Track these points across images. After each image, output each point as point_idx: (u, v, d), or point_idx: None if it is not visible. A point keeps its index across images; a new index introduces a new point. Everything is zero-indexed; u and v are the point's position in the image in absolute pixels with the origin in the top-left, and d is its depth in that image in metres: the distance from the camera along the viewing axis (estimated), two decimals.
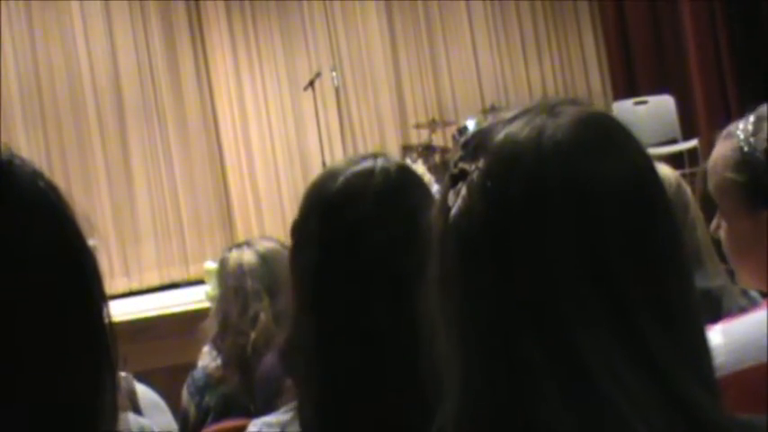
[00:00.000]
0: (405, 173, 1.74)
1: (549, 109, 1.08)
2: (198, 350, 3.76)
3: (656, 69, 10.42)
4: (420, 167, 8.79)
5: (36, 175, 0.96)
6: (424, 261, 1.11)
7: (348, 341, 1.62)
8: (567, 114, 1.07)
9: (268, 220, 10.20)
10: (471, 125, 9.41)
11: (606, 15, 10.75)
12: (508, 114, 1.10)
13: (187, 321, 5.95)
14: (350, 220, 1.66)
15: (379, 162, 1.71)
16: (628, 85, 10.53)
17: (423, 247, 1.12)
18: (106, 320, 1.00)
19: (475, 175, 1.06)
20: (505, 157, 1.05)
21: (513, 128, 1.07)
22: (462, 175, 1.07)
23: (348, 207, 1.67)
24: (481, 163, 1.06)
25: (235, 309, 3.52)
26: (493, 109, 9.88)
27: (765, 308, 1.83)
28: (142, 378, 3.27)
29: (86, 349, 0.95)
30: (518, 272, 1.02)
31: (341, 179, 1.70)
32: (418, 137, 10.24)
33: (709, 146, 1.99)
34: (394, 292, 1.58)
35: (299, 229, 1.73)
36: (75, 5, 9.81)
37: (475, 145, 1.09)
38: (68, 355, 0.93)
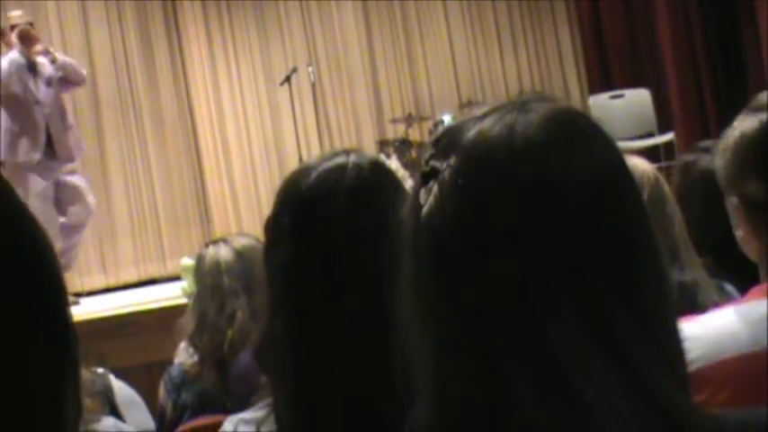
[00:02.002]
0: (377, 169, 1.74)
1: (520, 106, 1.08)
2: (175, 347, 3.75)
3: (632, 63, 10.47)
4: (394, 162, 8.80)
5: None
6: (397, 259, 1.11)
7: (320, 339, 1.62)
8: (538, 111, 1.07)
9: (245, 216, 10.19)
10: (447, 120, 9.43)
11: (581, 10, 10.78)
12: (479, 112, 1.10)
13: (164, 318, 5.94)
14: (321, 216, 1.66)
15: (352, 158, 1.71)
16: (603, 80, 10.57)
17: (395, 245, 1.12)
18: (67, 314, 0.97)
19: (446, 173, 1.05)
20: (476, 154, 1.05)
21: (485, 125, 1.06)
22: (434, 173, 1.07)
23: (320, 203, 1.67)
24: (452, 160, 1.06)
25: (212, 306, 3.51)
26: (469, 104, 9.91)
27: (753, 298, 1.84)
28: (119, 374, 3.26)
29: (46, 349, 0.94)
30: (490, 270, 1.02)
31: (313, 175, 1.69)
32: (395, 132, 10.25)
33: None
34: (366, 289, 1.58)
35: (272, 225, 1.73)
36: (51, 7, 9.78)
37: (446, 142, 1.09)
38: (26, 355, 0.91)
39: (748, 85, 9.32)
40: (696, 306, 2.43)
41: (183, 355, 3.64)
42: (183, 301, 5.57)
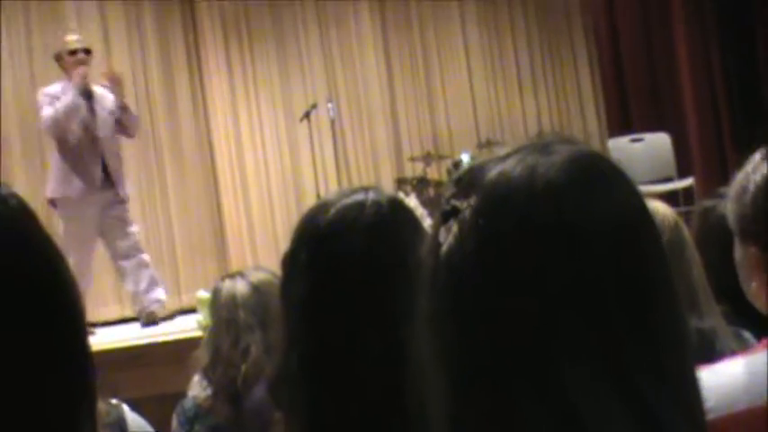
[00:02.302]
0: (396, 206, 1.74)
1: (543, 147, 1.08)
2: (189, 379, 3.74)
3: (652, 107, 10.46)
4: (413, 201, 8.79)
5: (4, 199, 0.94)
6: (414, 297, 1.10)
7: (335, 374, 1.61)
8: (560, 153, 1.07)
9: (261, 251, 10.19)
10: (466, 159, 9.43)
11: (602, 52, 10.79)
12: (501, 152, 1.10)
13: (179, 350, 5.93)
14: (339, 251, 1.66)
15: (371, 195, 1.71)
16: (623, 122, 10.56)
17: (413, 282, 1.12)
18: (85, 346, 0.98)
19: (467, 213, 1.05)
20: (497, 194, 1.05)
21: (506, 166, 1.06)
22: (454, 212, 1.07)
23: (338, 239, 1.67)
24: (473, 200, 1.06)
25: (226, 340, 3.51)
26: (488, 143, 9.91)
27: (758, 350, 1.82)
28: (133, 406, 3.25)
29: (62, 376, 0.93)
30: (508, 310, 1.02)
31: (332, 211, 1.69)
32: (413, 170, 10.25)
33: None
34: (382, 326, 1.57)
35: (289, 260, 1.72)
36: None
37: (467, 182, 1.09)
38: (45, 384, 0.91)
39: None
40: (714, 354, 2.41)
41: (197, 388, 3.63)
42: (198, 333, 5.57)
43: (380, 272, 1.62)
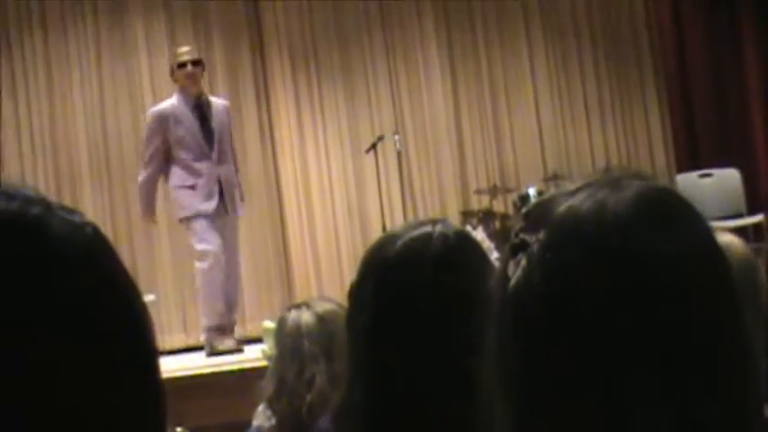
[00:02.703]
0: (463, 239, 1.74)
1: (612, 182, 1.08)
2: (253, 409, 3.76)
3: (721, 142, 10.37)
4: (480, 233, 8.78)
5: (79, 228, 0.95)
6: (481, 329, 1.11)
7: (399, 407, 1.61)
8: (630, 188, 1.06)
9: (327, 281, 10.21)
10: (533, 193, 9.41)
11: (671, 86, 10.72)
12: (571, 186, 1.10)
13: (244, 379, 5.96)
14: (406, 282, 1.66)
15: (438, 228, 1.72)
16: (692, 157, 10.48)
17: (480, 315, 1.12)
18: (157, 377, 0.98)
19: (535, 247, 1.06)
20: (566, 229, 1.05)
21: (575, 200, 1.06)
22: (523, 246, 1.07)
23: (405, 270, 1.67)
24: (542, 234, 1.06)
25: (291, 370, 3.52)
26: (555, 177, 9.87)
27: None
28: None
29: (135, 407, 0.94)
30: (575, 347, 1.02)
31: (399, 243, 1.70)
32: (479, 203, 10.24)
33: None
34: (448, 359, 1.57)
35: (355, 290, 1.73)
36: (143, 63, 9.97)
37: (536, 216, 1.09)
38: (115, 414, 0.92)
39: None
40: None
41: (261, 418, 3.64)
42: (263, 363, 5.59)
43: (447, 303, 1.63)
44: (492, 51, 10.84)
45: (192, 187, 7.83)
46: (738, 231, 8.49)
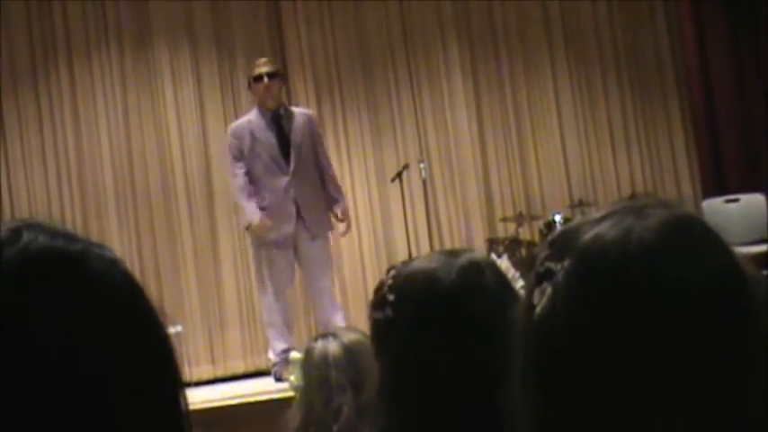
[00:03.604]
0: (487, 268, 1.74)
1: (637, 210, 1.08)
2: None
3: (747, 167, 10.33)
4: (505, 262, 8.76)
5: (113, 264, 0.98)
6: (507, 358, 1.11)
7: None
8: (656, 216, 1.06)
9: (353, 311, 10.20)
10: (558, 219, 9.39)
11: (696, 112, 10.70)
12: (596, 214, 1.10)
13: (271, 410, 5.95)
14: (433, 314, 1.66)
15: (463, 257, 1.72)
16: (718, 183, 10.44)
17: (506, 342, 1.12)
18: (183, 409, 1.00)
19: (560, 275, 1.06)
20: (591, 257, 1.05)
21: (601, 228, 1.06)
22: (548, 274, 1.07)
23: (431, 302, 1.67)
24: (567, 263, 1.06)
25: (318, 400, 3.52)
26: (581, 204, 9.86)
27: None
28: None
29: None
30: (600, 374, 1.01)
31: (422, 274, 1.70)
32: (505, 230, 10.23)
33: None
34: (476, 388, 1.57)
35: (383, 324, 1.73)
36: (168, 93, 10.01)
37: (562, 244, 1.09)
38: None
39: None
40: None
41: None
42: (290, 394, 5.58)
43: (472, 332, 1.63)
44: (516, 79, 10.85)
45: (266, 208, 7.67)
46: (764, 256, 8.46)
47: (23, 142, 9.69)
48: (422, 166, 9.69)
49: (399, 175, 9.63)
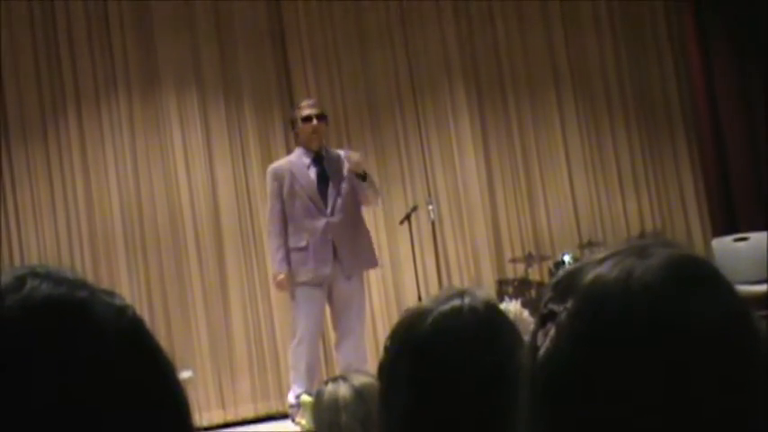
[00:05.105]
0: (493, 311, 1.74)
1: (640, 250, 1.08)
2: None
3: (757, 206, 10.32)
4: (514, 304, 8.74)
5: (120, 311, 0.98)
6: (514, 401, 1.11)
7: None
8: (658, 256, 1.07)
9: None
10: (568, 259, 9.38)
11: (705, 151, 10.71)
12: (599, 255, 1.10)
13: None
14: (440, 362, 1.66)
15: (467, 301, 1.72)
16: (727, 221, 10.43)
17: (513, 386, 1.12)
18: None
19: (563, 316, 1.06)
20: (593, 298, 1.05)
21: (603, 269, 1.07)
22: (551, 316, 1.08)
23: (438, 349, 1.67)
24: (570, 304, 1.06)
25: None
26: (590, 244, 9.85)
27: None
28: None
29: None
30: (604, 416, 1.02)
31: (429, 320, 1.70)
32: (514, 271, 10.21)
33: None
34: (483, 429, 1.57)
35: (389, 370, 1.73)
36: (177, 137, 10.03)
37: (564, 285, 1.09)
38: None
39: None
40: None
41: None
42: None
43: (481, 378, 1.62)
44: (524, 120, 10.87)
45: (304, 249, 7.70)
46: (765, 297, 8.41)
47: (33, 192, 9.71)
48: (430, 207, 9.69)
49: (408, 217, 9.63)
